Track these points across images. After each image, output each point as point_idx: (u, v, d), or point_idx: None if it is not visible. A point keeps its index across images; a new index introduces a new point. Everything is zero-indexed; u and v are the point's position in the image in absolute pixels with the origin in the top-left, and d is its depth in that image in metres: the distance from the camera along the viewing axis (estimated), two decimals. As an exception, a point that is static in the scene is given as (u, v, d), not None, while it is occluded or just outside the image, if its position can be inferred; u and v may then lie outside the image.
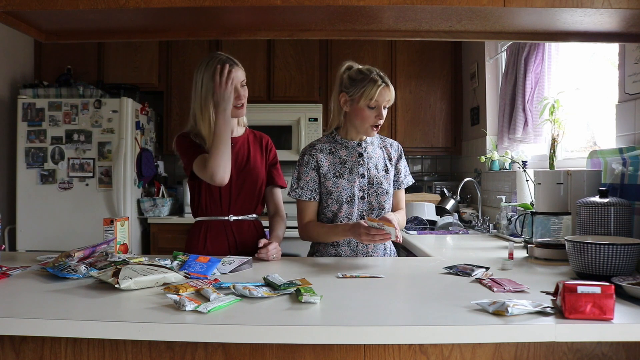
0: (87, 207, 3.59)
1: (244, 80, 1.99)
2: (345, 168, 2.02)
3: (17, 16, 1.65)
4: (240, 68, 1.98)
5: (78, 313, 1.20)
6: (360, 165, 2.03)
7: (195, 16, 1.66)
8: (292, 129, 4.02)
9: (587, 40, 1.83)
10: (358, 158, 2.03)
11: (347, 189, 2.00)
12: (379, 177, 2.03)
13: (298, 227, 2.07)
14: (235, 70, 1.94)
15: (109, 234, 1.83)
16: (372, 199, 2.02)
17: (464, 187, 3.65)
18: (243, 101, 1.99)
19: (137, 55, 4.13)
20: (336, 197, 2.00)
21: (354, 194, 2.00)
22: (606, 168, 2.05)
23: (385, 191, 2.03)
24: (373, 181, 2.02)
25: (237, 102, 1.96)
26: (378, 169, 2.04)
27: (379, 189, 2.02)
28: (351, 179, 2.01)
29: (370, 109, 1.94)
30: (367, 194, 2.02)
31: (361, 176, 2.02)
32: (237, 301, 1.28)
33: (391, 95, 1.96)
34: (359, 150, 2.04)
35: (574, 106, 2.61)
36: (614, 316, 1.14)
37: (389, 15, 1.66)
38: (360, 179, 2.02)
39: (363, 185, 2.02)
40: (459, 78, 4.24)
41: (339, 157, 2.03)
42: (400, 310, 1.28)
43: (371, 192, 2.02)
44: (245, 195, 2.06)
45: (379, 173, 2.04)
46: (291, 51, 4.16)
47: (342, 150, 2.04)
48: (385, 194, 2.03)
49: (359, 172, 2.02)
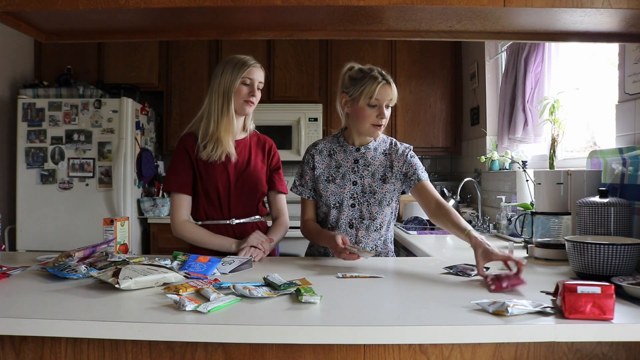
0: (87, 207, 3.60)
1: (261, 83, 2.01)
2: (338, 173, 1.99)
3: (17, 16, 1.65)
4: (261, 70, 2.01)
5: (78, 313, 1.20)
6: (354, 172, 1.98)
7: (195, 16, 1.66)
8: (292, 129, 4.02)
9: (587, 40, 1.83)
10: (353, 164, 1.98)
11: (336, 194, 1.97)
12: (374, 187, 1.96)
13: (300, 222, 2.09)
14: (256, 68, 1.98)
15: (109, 234, 1.83)
16: (363, 208, 1.97)
17: (464, 187, 3.65)
18: (253, 100, 1.99)
19: (137, 55, 4.13)
20: (325, 200, 1.99)
21: (343, 200, 1.97)
22: (606, 168, 2.04)
23: (377, 201, 1.96)
24: (366, 190, 1.96)
25: (249, 97, 1.97)
26: (374, 178, 1.97)
27: (371, 199, 1.96)
28: (342, 185, 1.97)
29: (370, 108, 1.87)
30: (359, 202, 1.97)
31: (353, 183, 1.97)
32: (237, 301, 1.28)
33: (393, 93, 1.88)
34: (356, 155, 1.99)
35: (574, 106, 2.61)
36: (614, 316, 1.14)
37: (389, 15, 1.65)
38: (352, 186, 1.97)
39: (355, 192, 1.97)
40: (459, 78, 4.24)
41: (335, 161, 2.00)
42: (400, 310, 1.28)
43: (363, 200, 1.97)
44: (246, 198, 2.05)
45: (375, 182, 1.96)
46: (291, 51, 4.16)
47: (340, 154, 2.01)
48: (378, 204, 1.96)
49: (351, 179, 1.97)
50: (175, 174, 2.01)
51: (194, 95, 4.12)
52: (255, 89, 1.98)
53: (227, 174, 2.00)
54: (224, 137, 1.96)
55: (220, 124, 1.96)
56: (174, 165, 2.02)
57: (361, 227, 1.98)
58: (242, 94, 1.96)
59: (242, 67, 1.95)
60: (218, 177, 1.99)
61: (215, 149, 1.96)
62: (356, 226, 1.98)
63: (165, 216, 3.79)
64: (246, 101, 1.97)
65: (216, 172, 1.99)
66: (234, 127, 2.00)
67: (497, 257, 1.57)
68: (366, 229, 1.98)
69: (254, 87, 1.97)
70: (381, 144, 2.02)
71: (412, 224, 3.45)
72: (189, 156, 2.00)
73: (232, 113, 1.97)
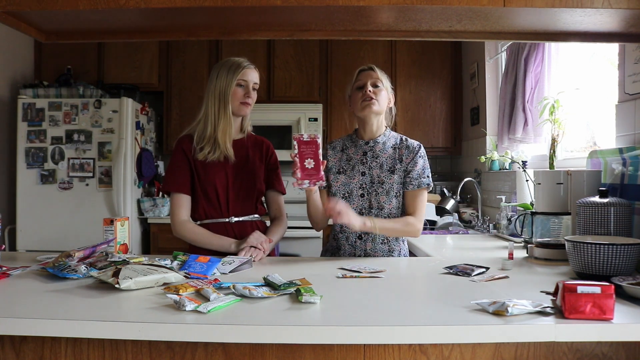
0: (87, 207, 3.60)
1: (256, 84, 2.05)
2: (349, 165, 2.08)
3: (17, 16, 1.65)
4: (255, 70, 2.05)
5: (78, 313, 1.20)
6: (363, 163, 2.07)
7: (195, 16, 1.66)
8: (292, 129, 4.02)
9: (587, 40, 1.83)
10: (363, 156, 2.08)
11: (345, 184, 2.06)
12: (382, 177, 2.04)
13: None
14: (250, 70, 2.02)
15: (109, 234, 1.83)
16: (372, 198, 2.04)
17: (464, 187, 3.65)
18: (249, 101, 2.02)
19: (137, 55, 4.13)
20: (334, 191, 2.06)
21: (352, 190, 2.05)
22: (606, 168, 2.04)
23: (385, 191, 2.03)
24: (375, 180, 2.04)
25: (245, 98, 2.00)
26: (383, 169, 2.05)
27: (379, 189, 2.03)
28: (351, 176, 2.06)
29: (358, 90, 2.04)
30: (368, 192, 2.04)
31: (362, 174, 2.05)
32: (237, 301, 1.28)
33: (377, 74, 2.03)
34: (365, 148, 2.08)
35: (574, 106, 2.61)
36: (613, 316, 1.14)
37: (389, 15, 1.66)
38: (360, 177, 2.05)
39: (364, 183, 2.05)
40: (459, 78, 4.24)
41: (347, 155, 2.11)
42: (400, 310, 1.28)
43: (372, 190, 2.04)
44: (244, 197, 2.06)
45: (383, 173, 2.04)
46: (291, 51, 4.16)
47: (351, 149, 2.12)
48: (386, 194, 2.03)
49: (360, 170, 2.06)
50: (173, 174, 2.02)
51: (194, 95, 4.12)
52: (251, 90, 2.02)
53: (225, 173, 2.02)
54: (221, 139, 1.99)
55: (217, 126, 1.99)
56: (172, 166, 2.04)
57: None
58: (238, 95, 2.00)
59: (237, 69, 1.99)
60: (216, 176, 2.01)
61: (213, 151, 1.99)
62: (365, 216, 2.02)
63: (165, 216, 3.79)
64: (242, 103, 2.01)
65: (214, 171, 2.01)
66: (231, 129, 2.02)
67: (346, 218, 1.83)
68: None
69: (249, 88, 2.01)
70: (390, 138, 2.11)
71: (412, 224, 3.45)
72: (187, 156, 2.02)
73: (229, 115, 2.00)
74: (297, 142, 1.84)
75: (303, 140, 1.84)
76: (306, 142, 1.85)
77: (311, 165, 1.83)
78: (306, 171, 1.84)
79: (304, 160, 1.83)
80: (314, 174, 1.84)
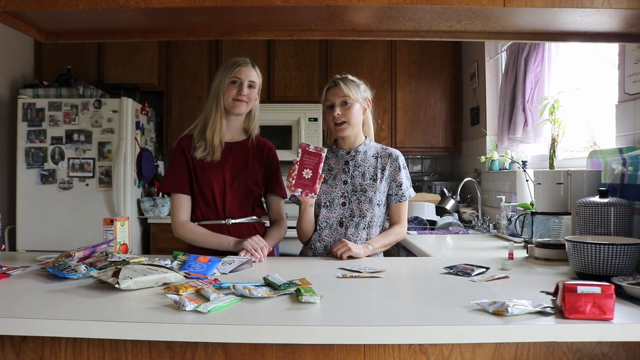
0: (87, 207, 3.60)
1: (252, 81, 2.03)
2: (330, 175, 2.10)
3: (17, 16, 1.65)
4: (251, 68, 2.03)
5: (78, 313, 1.20)
6: (345, 172, 2.08)
7: (195, 16, 1.66)
8: (292, 129, 4.02)
9: (587, 40, 1.83)
10: (344, 166, 2.10)
11: (327, 193, 2.07)
12: (364, 185, 2.06)
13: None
14: (245, 67, 2.01)
15: (109, 234, 1.83)
16: (353, 206, 2.06)
17: (464, 187, 3.65)
18: (242, 98, 2.00)
19: (137, 55, 4.13)
20: (316, 200, 2.05)
21: (334, 199, 2.06)
22: (606, 168, 2.04)
23: (368, 199, 2.05)
24: (357, 188, 2.06)
25: (237, 95, 1.99)
26: (365, 177, 2.07)
27: (362, 197, 2.05)
28: (333, 185, 2.08)
29: (329, 109, 2.05)
30: (349, 200, 2.06)
31: (344, 183, 2.07)
32: (237, 301, 1.28)
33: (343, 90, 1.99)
34: (346, 158, 2.11)
35: (574, 106, 2.60)
36: (614, 316, 1.14)
37: (389, 15, 1.65)
38: (342, 185, 2.07)
39: (345, 192, 2.07)
40: (459, 78, 4.24)
41: (328, 165, 2.12)
42: (400, 310, 1.28)
43: (354, 199, 2.06)
44: (241, 199, 2.05)
45: (365, 181, 2.06)
46: (291, 51, 4.16)
47: (332, 159, 2.13)
48: (369, 202, 2.05)
49: (341, 178, 2.08)
50: (172, 175, 2.02)
51: (194, 95, 4.11)
52: (245, 87, 2.00)
53: (222, 175, 2.02)
54: (209, 137, 2.00)
55: (209, 124, 2.01)
56: (172, 166, 2.05)
57: (350, 225, 2.05)
58: (231, 92, 1.99)
59: (232, 67, 2.01)
60: (213, 178, 2.01)
61: (204, 149, 2.01)
62: (346, 224, 2.06)
63: (165, 216, 3.79)
64: (235, 99, 1.99)
65: (212, 172, 2.01)
66: (222, 127, 2.01)
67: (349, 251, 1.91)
68: (355, 226, 2.05)
69: (243, 85, 2.00)
70: (371, 148, 2.13)
71: (412, 224, 3.45)
72: (185, 157, 2.03)
73: (220, 112, 2.00)
74: (302, 150, 1.88)
75: (308, 150, 1.88)
76: (310, 152, 1.88)
77: (309, 175, 1.87)
78: (302, 180, 1.87)
79: (303, 169, 1.87)
80: (309, 185, 1.88)
